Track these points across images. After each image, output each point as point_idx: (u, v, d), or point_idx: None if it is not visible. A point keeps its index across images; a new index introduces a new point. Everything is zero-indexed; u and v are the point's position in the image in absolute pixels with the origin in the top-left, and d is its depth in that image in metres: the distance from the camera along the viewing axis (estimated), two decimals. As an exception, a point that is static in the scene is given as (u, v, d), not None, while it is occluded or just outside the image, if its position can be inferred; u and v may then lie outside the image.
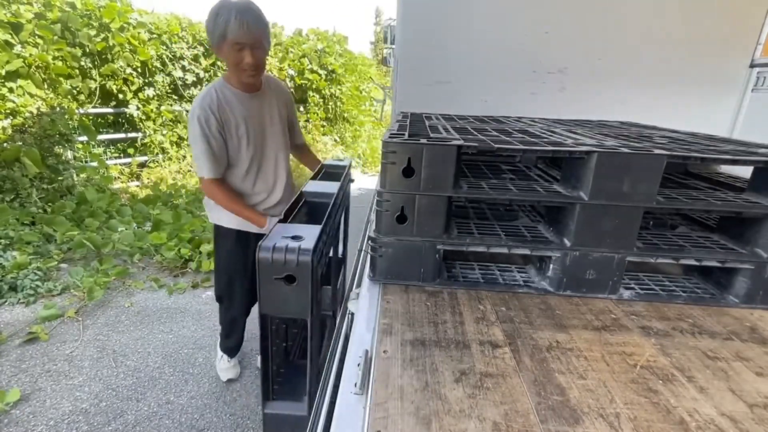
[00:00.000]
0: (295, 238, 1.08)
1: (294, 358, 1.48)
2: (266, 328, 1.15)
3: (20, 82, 4.19)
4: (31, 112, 4.30)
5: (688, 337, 0.88)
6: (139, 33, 5.16)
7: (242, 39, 1.55)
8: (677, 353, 0.82)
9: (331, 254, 1.61)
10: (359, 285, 1.13)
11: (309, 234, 1.11)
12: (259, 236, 1.89)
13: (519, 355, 0.79)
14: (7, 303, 2.92)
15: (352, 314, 1.03)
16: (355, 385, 0.72)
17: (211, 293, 3.27)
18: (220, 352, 2.38)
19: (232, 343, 2.30)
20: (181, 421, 2.07)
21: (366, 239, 1.27)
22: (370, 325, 0.89)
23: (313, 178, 1.82)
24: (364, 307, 0.97)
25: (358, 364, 0.75)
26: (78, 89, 4.74)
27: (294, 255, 1.02)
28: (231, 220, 1.89)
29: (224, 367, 2.35)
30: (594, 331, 0.88)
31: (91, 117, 5.05)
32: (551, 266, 1.03)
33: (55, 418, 2.04)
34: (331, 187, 1.59)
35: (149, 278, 3.44)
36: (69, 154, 4.60)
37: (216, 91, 1.68)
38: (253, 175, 1.85)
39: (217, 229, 1.96)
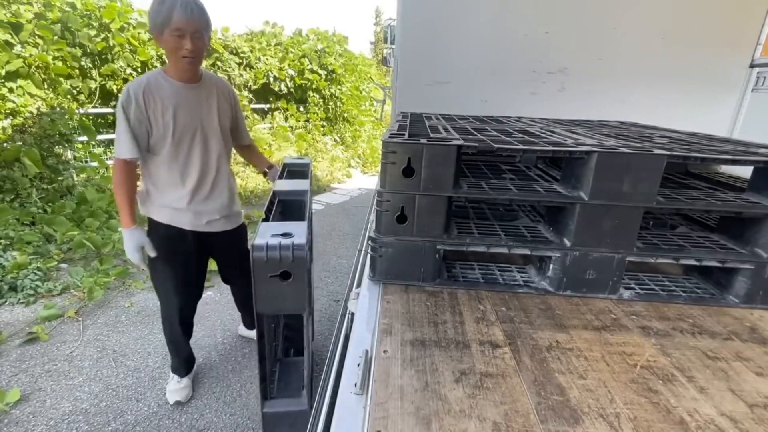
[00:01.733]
0: (285, 235, 1.08)
1: (280, 355, 1.49)
2: (262, 327, 1.15)
3: (20, 82, 4.19)
4: (31, 112, 4.30)
5: (688, 337, 0.88)
6: (139, 33, 5.15)
7: (185, 25, 1.56)
8: (677, 353, 0.82)
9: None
10: (359, 285, 1.13)
11: (297, 230, 1.12)
12: (197, 233, 1.89)
13: (519, 355, 0.79)
14: (7, 303, 2.92)
15: (352, 314, 1.03)
16: (355, 385, 0.72)
17: (211, 293, 3.27)
18: (170, 373, 2.27)
19: (178, 362, 2.20)
20: (181, 421, 2.07)
21: (366, 239, 1.27)
22: (370, 325, 0.89)
23: (280, 176, 1.82)
24: (364, 307, 0.97)
25: (358, 364, 0.75)
26: (78, 89, 4.74)
27: (289, 251, 1.02)
28: (161, 214, 1.82)
29: (172, 388, 2.21)
30: (594, 331, 0.88)
31: (91, 117, 5.05)
32: (551, 266, 1.03)
33: (55, 418, 2.04)
34: (302, 184, 1.61)
35: (149, 278, 3.44)
36: (69, 154, 4.60)
37: (147, 78, 1.70)
38: (179, 165, 1.78)
39: (149, 222, 1.88)
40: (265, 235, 1.08)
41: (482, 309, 0.95)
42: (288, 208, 1.52)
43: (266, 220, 1.24)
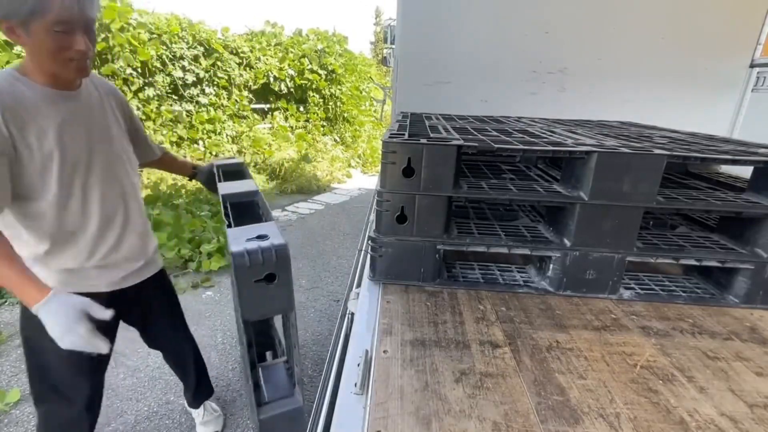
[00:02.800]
0: (260, 237, 1.05)
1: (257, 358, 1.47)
2: (250, 335, 1.13)
3: (20, 82, 4.19)
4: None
5: (688, 337, 0.88)
6: (139, 33, 5.16)
7: (74, 17, 1.06)
8: (677, 353, 0.82)
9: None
10: (359, 285, 1.13)
11: (270, 231, 1.08)
12: (111, 295, 1.35)
13: (519, 355, 0.79)
14: (7, 303, 2.92)
15: (352, 314, 1.03)
16: (355, 385, 0.72)
17: (211, 293, 3.27)
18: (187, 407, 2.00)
19: None
20: (181, 422, 2.07)
21: (366, 239, 1.27)
22: (370, 325, 0.89)
23: (218, 180, 1.69)
24: (364, 307, 0.97)
25: (358, 364, 0.75)
26: (78, 89, 4.75)
27: (271, 253, 0.99)
28: (55, 279, 1.26)
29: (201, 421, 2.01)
30: (594, 331, 0.89)
31: (91, 117, 5.05)
32: (551, 266, 1.03)
33: (55, 418, 2.04)
34: (249, 185, 1.53)
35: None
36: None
37: (1, 87, 1.09)
38: (72, 210, 1.23)
39: None
40: (239, 241, 1.03)
41: (482, 309, 0.95)
42: (243, 211, 1.41)
43: (230, 226, 1.19)
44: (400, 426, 0.61)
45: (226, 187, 1.51)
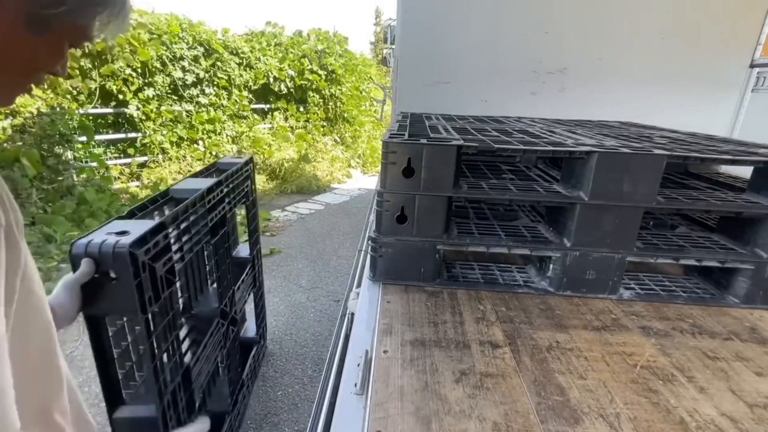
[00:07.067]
0: (121, 233, 1.00)
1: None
2: (97, 330, 1.07)
3: (20, 82, 4.18)
4: (31, 113, 4.30)
5: (688, 337, 0.88)
6: (139, 33, 5.16)
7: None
8: (677, 353, 0.82)
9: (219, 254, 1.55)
10: (359, 285, 1.13)
11: (137, 229, 1.03)
12: None
13: (519, 355, 0.79)
14: (7, 303, 2.92)
15: (352, 314, 1.03)
16: (355, 385, 0.72)
17: (211, 293, 3.27)
18: None
19: None
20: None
21: (366, 239, 1.27)
22: (370, 325, 0.89)
23: (199, 174, 1.62)
24: (364, 307, 0.97)
25: (358, 364, 0.75)
26: (78, 89, 4.75)
27: (109, 250, 0.94)
28: None
29: None
30: (594, 331, 0.88)
31: (90, 117, 5.05)
32: (551, 266, 1.03)
33: (55, 419, 2.04)
34: (203, 183, 1.46)
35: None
36: (69, 155, 4.60)
37: None
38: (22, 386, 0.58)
39: None
40: (99, 233, 1.01)
41: (482, 309, 0.95)
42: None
43: (129, 216, 1.18)
44: (400, 426, 0.61)
45: (183, 182, 1.52)
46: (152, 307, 1.06)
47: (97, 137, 5.11)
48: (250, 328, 2.37)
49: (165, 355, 1.17)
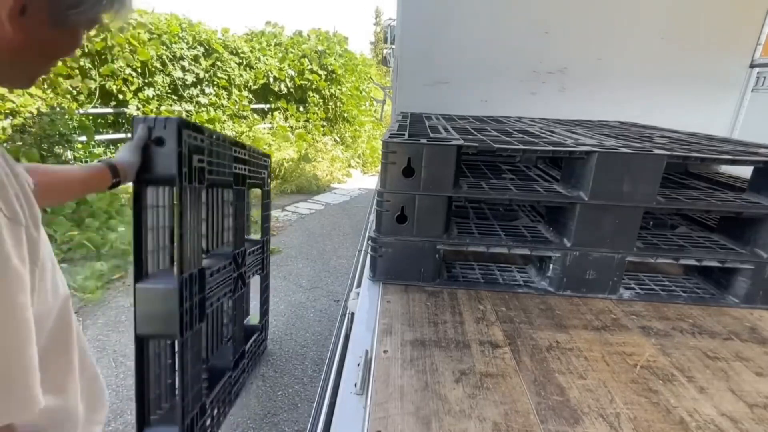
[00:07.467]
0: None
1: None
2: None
3: (20, 82, 4.19)
4: (30, 112, 4.30)
5: (688, 337, 0.88)
6: (138, 33, 5.16)
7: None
8: (677, 353, 0.82)
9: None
10: (359, 285, 1.13)
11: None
12: None
13: (519, 355, 0.79)
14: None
15: (352, 314, 1.03)
16: (355, 385, 0.72)
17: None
18: None
19: None
20: (181, 422, 2.07)
21: (366, 239, 1.27)
22: (370, 325, 0.89)
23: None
24: (364, 307, 0.97)
25: (358, 364, 0.75)
26: (78, 89, 4.74)
27: (162, 119, 1.07)
28: None
29: None
30: (594, 331, 0.88)
31: (90, 117, 5.05)
32: (551, 266, 1.03)
33: (55, 419, 2.04)
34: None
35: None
36: (69, 155, 4.60)
37: None
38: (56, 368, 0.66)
39: None
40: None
41: (482, 309, 0.95)
42: None
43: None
44: (400, 426, 0.61)
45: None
46: (190, 182, 1.14)
47: (97, 137, 5.10)
48: (253, 318, 2.38)
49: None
